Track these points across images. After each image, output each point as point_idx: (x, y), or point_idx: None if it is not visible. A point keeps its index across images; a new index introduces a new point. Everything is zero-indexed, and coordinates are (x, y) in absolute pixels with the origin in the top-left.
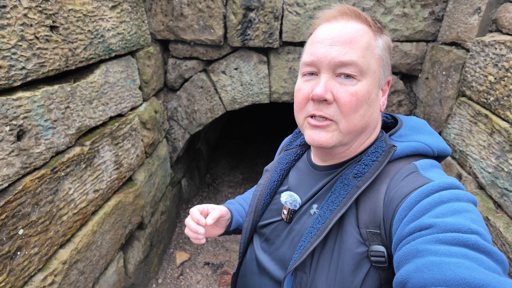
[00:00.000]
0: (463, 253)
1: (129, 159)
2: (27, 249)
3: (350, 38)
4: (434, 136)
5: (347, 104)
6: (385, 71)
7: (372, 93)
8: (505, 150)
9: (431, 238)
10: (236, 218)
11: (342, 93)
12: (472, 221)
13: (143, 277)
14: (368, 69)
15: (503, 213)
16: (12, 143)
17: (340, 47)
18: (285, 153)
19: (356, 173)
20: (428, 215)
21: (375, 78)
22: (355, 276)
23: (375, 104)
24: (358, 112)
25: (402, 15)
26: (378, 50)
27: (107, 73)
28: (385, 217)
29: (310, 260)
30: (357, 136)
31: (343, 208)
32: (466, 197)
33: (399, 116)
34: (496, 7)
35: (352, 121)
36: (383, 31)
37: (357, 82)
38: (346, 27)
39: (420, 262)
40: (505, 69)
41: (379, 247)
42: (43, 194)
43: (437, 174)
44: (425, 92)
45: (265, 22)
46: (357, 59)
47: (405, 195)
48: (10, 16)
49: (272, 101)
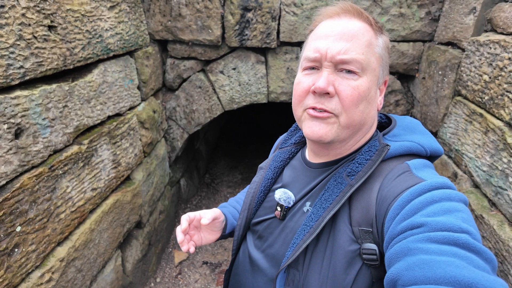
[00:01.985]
0: (454, 251)
1: (127, 158)
2: (24, 246)
3: (353, 35)
4: (427, 136)
5: (348, 97)
6: (384, 70)
7: (371, 90)
8: (499, 149)
9: (423, 236)
10: (230, 221)
11: (344, 86)
12: (463, 220)
13: (141, 276)
14: (368, 66)
15: (497, 211)
16: (10, 141)
17: (343, 42)
18: (280, 151)
19: (350, 171)
20: (419, 214)
21: (375, 76)
22: (347, 273)
23: (373, 102)
24: (359, 107)
25: (398, 15)
26: (378, 49)
27: (105, 72)
28: (377, 216)
29: (303, 257)
30: (354, 132)
31: (336, 206)
32: (457, 197)
33: (393, 116)
34: (491, 7)
35: (352, 115)
36: (382, 31)
37: (359, 77)
38: (349, 24)
39: (411, 260)
40: (499, 68)
41: (371, 245)
42: (40, 192)
43: (429, 174)
44: (422, 91)
45: (263, 22)
46: (359, 55)
47: (398, 194)
48: (8, 16)
49: (270, 101)
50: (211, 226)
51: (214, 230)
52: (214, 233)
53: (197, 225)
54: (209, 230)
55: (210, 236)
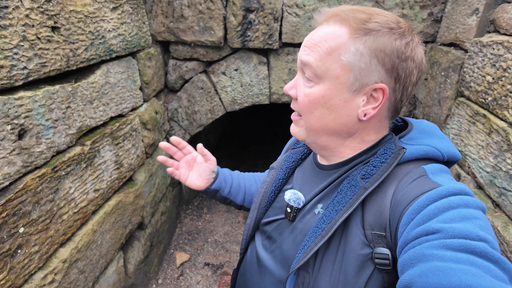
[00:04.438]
0: (470, 260)
1: (129, 159)
2: (27, 247)
3: (316, 42)
4: (444, 141)
5: (300, 103)
6: (364, 78)
7: (332, 98)
8: (503, 150)
9: (438, 243)
10: (220, 180)
11: (299, 92)
12: (480, 228)
13: (143, 277)
14: (325, 74)
15: (501, 212)
16: (13, 142)
17: (306, 48)
18: (292, 151)
19: (364, 174)
20: (435, 220)
21: (339, 83)
22: (359, 277)
23: (341, 110)
24: (313, 113)
25: (401, 16)
26: (347, 56)
27: (108, 73)
28: (391, 220)
29: (314, 260)
30: (329, 137)
31: (349, 209)
32: (475, 204)
33: (409, 119)
34: (494, 8)
35: (308, 120)
36: (370, 34)
37: (314, 85)
38: (319, 31)
39: (425, 267)
40: (503, 69)
41: (384, 249)
42: (43, 192)
43: (446, 179)
44: (424, 92)
45: (265, 23)
46: (313, 62)
47: (413, 198)
48: (12, 17)
49: (272, 102)
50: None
51: (202, 175)
52: (201, 180)
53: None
54: (198, 174)
55: (197, 180)
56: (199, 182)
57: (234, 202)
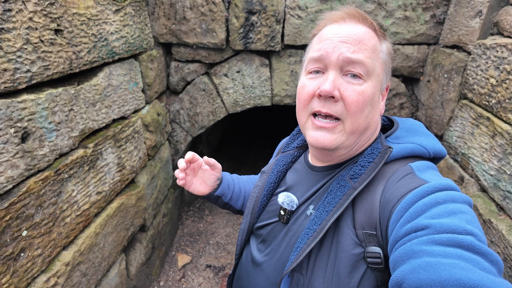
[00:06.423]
0: (459, 254)
1: (131, 161)
2: (30, 251)
3: (360, 39)
4: (429, 138)
5: (354, 102)
6: (387, 76)
7: (376, 95)
8: (507, 153)
9: (427, 239)
10: (224, 186)
11: (349, 91)
12: (467, 222)
13: (145, 280)
14: (373, 71)
15: (505, 215)
16: (17, 145)
17: (349, 45)
18: (282, 155)
19: (353, 174)
20: (423, 216)
21: (379, 81)
22: (352, 277)
23: (377, 107)
24: (363, 112)
25: (403, 18)
26: (382, 55)
27: (110, 76)
28: (381, 218)
29: (307, 261)
30: (359, 137)
31: (339, 209)
32: (461, 198)
33: (395, 118)
34: (497, 10)
35: (357, 120)
36: (386, 37)
37: (364, 82)
38: (355, 28)
39: (415, 263)
40: (507, 72)
41: (375, 248)
42: (46, 195)
43: (432, 176)
44: (427, 94)
45: (267, 25)
46: (365, 59)
47: (401, 196)
48: (15, 20)
49: (274, 104)
50: (206, 176)
51: (207, 182)
52: (204, 186)
53: (195, 168)
54: (202, 180)
55: (200, 187)
56: (203, 188)
57: (233, 207)
